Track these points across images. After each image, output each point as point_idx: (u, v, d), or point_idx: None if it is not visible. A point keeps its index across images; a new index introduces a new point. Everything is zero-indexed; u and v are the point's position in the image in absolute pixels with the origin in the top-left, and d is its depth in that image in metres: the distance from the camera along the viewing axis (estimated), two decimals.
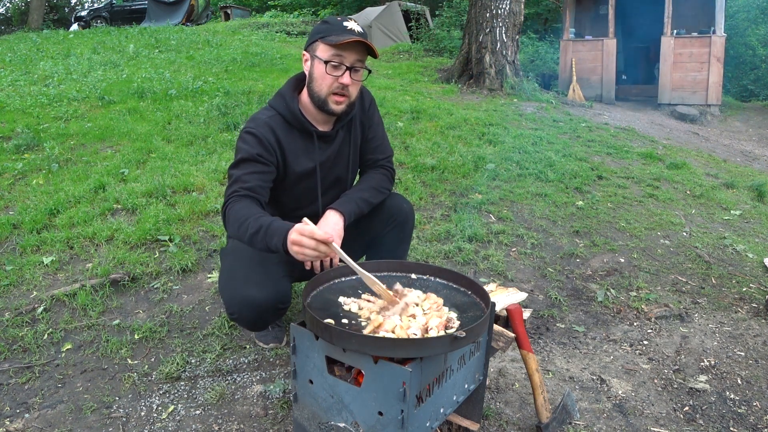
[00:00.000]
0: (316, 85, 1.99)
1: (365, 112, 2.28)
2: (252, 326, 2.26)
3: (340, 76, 1.94)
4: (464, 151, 5.28)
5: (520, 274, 3.35)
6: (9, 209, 3.72)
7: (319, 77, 1.97)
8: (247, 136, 2.02)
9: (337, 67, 1.94)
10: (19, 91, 6.90)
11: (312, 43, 1.99)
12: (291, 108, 2.06)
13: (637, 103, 10.51)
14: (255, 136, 2.01)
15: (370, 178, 2.29)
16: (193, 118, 5.67)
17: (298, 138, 2.10)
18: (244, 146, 2.00)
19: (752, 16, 14.70)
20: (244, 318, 2.09)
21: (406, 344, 1.44)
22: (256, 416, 2.09)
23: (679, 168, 5.78)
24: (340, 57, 1.92)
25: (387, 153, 2.36)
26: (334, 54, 1.92)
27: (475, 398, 1.88)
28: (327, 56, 1.93)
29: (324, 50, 1.93)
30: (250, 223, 1.79)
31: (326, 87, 1.97)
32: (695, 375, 2.53)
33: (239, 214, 1.84)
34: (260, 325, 2.22)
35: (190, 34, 12.60)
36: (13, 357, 2.40)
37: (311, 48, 1.99)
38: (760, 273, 3.66)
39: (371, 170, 2.33)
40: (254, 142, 2.00)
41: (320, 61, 1.94)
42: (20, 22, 22.21)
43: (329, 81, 1.95)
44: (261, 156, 1.99)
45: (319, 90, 1.99)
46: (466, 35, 9.39)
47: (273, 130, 2.04)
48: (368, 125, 2.29)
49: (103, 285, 2.84)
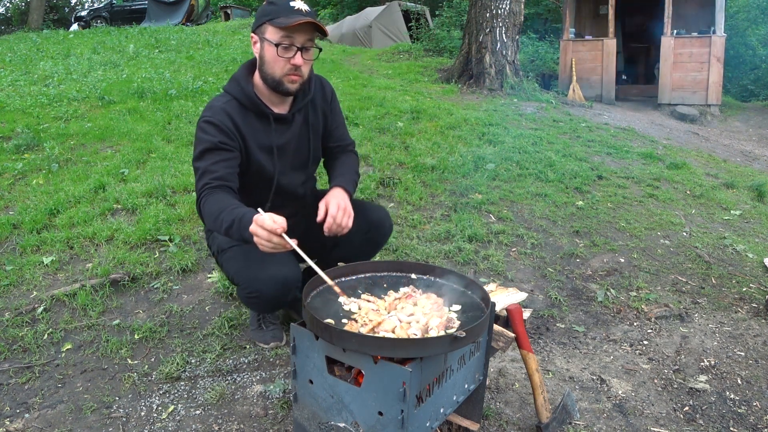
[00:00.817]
0: (268, 68, 1.99)
1: (327, 103, 2.30)
2: (271, 304, 2.20)
3: (292, 57, 1.95)
4: (464, 151, 5.28)
5: (520, 274, 3.35)
6: (9, 209, 3.72)
7: (270, 60, 1.97)
8: (206, 125, 2.00)
9: (288, 49, 1.94)
10: (19, 91, 6.90)
11: (260, 26, 1.98)
12: (246, 91, 2.06)
13: (637, 103, 10.50)
14: (214, 125, 1.99)
15: (350, 161, 2.35)
16: (193, 118, 5.67)
17: (254, 121, 2.09)
18: (204, 136, 1.99)
19: (752, 16, 14.70)
20: (266, 296, 2.05)
21: (406, 344, 1.44)
22: (256, 416, 2.09)
23: (679, 168, 5.78)
24: (290, 38, 1.93)
25: (350, 139, 2.44)
26: (283, 36, 1.92)
27: (475, 398, 1.88)
28: (277, 38, 1.93)
29: (273, 32, 1.93)
30: (223, 218, 1.80)
31: (279, 69, 1.97)
32: (695, 375, 2.53)
33: (212, 209, 1.85)
34: (280, 302, 2.17)
35: (190, 34, 12.60)
36: (13, 357, 2.40)
37: (259, 30, 1.99)
38: (760, 273, 3.66)
39: (343, 155, 2.38)
40: (214, 131, 1.98)
41: (270, 43, 1.95)
42: (20, 22, 22.20)
43: (281, 63, 1.96)
44: (224, 143, 1.98)
45: (272, 72, 1.99)
46: (466, 35, 9.38)
47: (230, 115, 2.03)
48: (330, 115, 2.33)
49: (103, 285, 2.84)
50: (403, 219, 3.87)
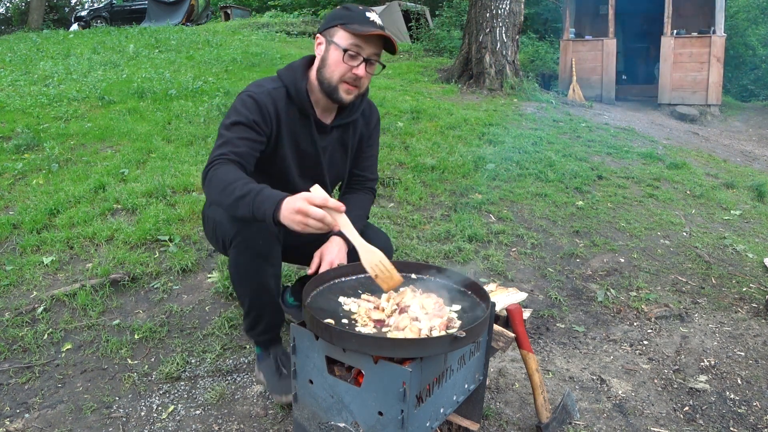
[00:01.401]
0: (327, 71, 1.92)
1: (369, 129, 2.22)
2: (257, 250, 1.91)
3: (356, 66, 1.89)
4: (464, 151, 5.28)
5: (520, 274, 3.35)
6: (9, 209, 3.72)
7: (332, 63, 1.90)
8: (248, 99, 1.92)
9: (355, 57, 1.88)
10: (19, 91, 6.90)
11: (330, 28, 1.91)
12: (298, 85, 1.97)
13: (637, 103, 10.51)
14: (256, 102, 1.91)
15: (363, 203, 2.23)
16: (193, 118, 5.67)
17: (296, 117, 2.01)
18: (242, 109, 1.90)
19: (752, 16, 14.72)
20: (249, 238, 1.87)
21: (406, 344, 1.44)
22: (256, 416, 2.09)
23: (679, 168, 5.79)
24: (359, 48, 1.86)
25: (376, 175, 2.33)
26: (353, 43, 1.86)
27: (475, 398, 1.88)
28: (346, 44, 1.86)
29: (343, 37, 1.87)
30: (237, 186, 1.67)
31: (338, 74, 1.90)
32: (695, 375, 2.53)
33: (226, 177, 1.72)
34: (263, 246, 1.90)
35: (190, 34, 12.59)
36: (13, 357, 2.40)
37: (328, 32, 1.92)
38: (760, 273, 3.66)
39: (361, 192, 2.27)
40: (254, 108, 1.91)
41: (337, 47, 1.88)
42: (20, 22, 22.20)
43: (343, 69, 1.89)
44: (257, 123, 1.90)
45: (330, 76, 1.92)
46: (466, 35, 9.39)
47: (275, 101, 1.95)
48: (369, 141, 2.24)
49: (103, 285, 2.84)
50: (403, 219, 3.87)
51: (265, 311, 2.04)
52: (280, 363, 2.12)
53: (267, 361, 2.13)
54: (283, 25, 17.08)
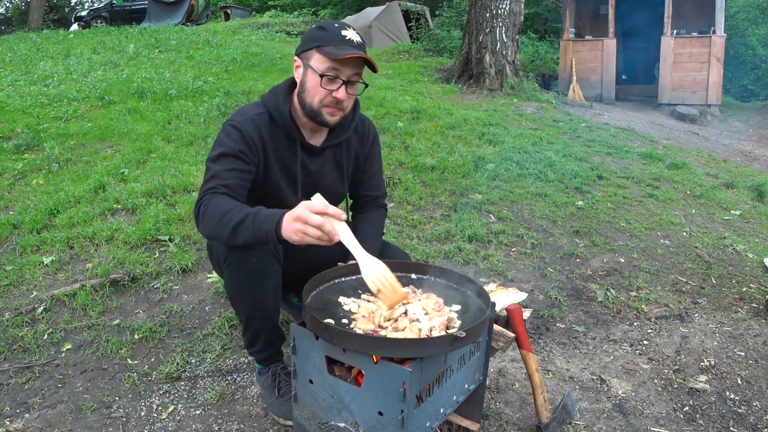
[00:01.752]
0: (308, 96, 1.86)
1: (365, 147, 2.15)
2: (250, 268, 1.87)
3: (335, 90, 1.81)
4: (464, 151, 5.28)
5: (520, 274, 3.35)
6: (9, 209, 3.72)
7: (311, 88, 1.84)
8: (232, 129, 1.87)
9: (333, 81, 1.80)
10: (19, 91, 6.90)
11: (306, 51, 1.84)
12: (281, 109, 1.92)
13: (637, 103, 10.51)
14: (239, 131, 1.86)
15: (377, 221, 2.20)
16: (193, 118, 5.67)
17: (282, 142, 1.95)
18: (226, 140, 1.85)
19: (752, 16, 14.72)
20: (242, 256, 1.84)
21: (406, 344, 1.44)
22: (256, 416, 2.09)
23: (679, 168, 5.79)
24: (336, 71, 1.79)
25: (383, 190, 2.29)
26: (330, 67, 1.78)
27: (475, 398, 1.88)
28: (322, 69, 1.79)
29: (319, 61, 1.79)
30: (233, 214, 1.61)
31: (318, 99, 1.84)
32: (695, 375, 2.53)
33: (220, 207, 1.67)
34: (257, 264, 1.87)
35: (190, 34, 12.59)
36: (13, 357, 2.40)
37: (305, 55, 1.85)
38: (760, 273, 3.66)
39: (372, 210, 2.23)
40: (238, 138, 1.86)
41: (314, 72, 1.80)
42: (20, 22, 22.19)
43: (322, 94, 1.82)
44: (243, 153, 1.84)
45: (310, 101, 1.85)
46: (466, 35, 9.39)
47: (258, 128, 1.90)
48: (365, 162, 2.18)
49: (103, 285, 2.84)
50: (403, 219, 3.87)
51: (263, 329, 1.99)
52: (278, 381, 2.08)
53: (266, 377, 2.11)
54: (283, 25, 17.09)
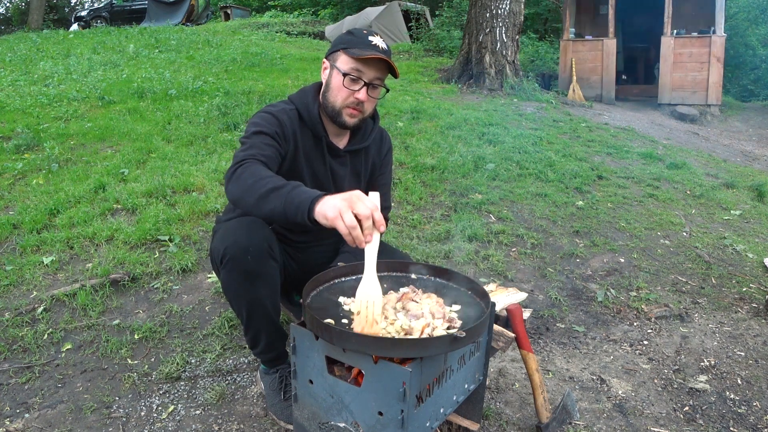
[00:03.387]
0: (330, 95, 1.94)
1: (380, 157, 2.21)
2: (245, 268, 1.82)
3: (357, 91, 1.89)
4: (464, 151, 5.28)
5: (520, 274, 3.35)
6: (9, 209, 3.72)
7: (335, 88, 1.92)
8: (267, 115, 1.93)
9: (355, 81, 1.88)
10: (19, 91, 6.90)
11: (334, 52, 1.94)
12: (310, 108, 1.99)
13: (637, 103, 10.51)
14: (275, 117, 1.92)
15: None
16: (193, 118, 5.67)
17: (309, 139, 2.01)
18: (263, 122, 1.89)
19: (752, 16, 14.73)
20: (237, 257, 1.80)
21: (406, 344, 1.44)
22: (256, 416, 2.09)
23: (679, 168, 5.79)
24: (360, 72, 1.87)
25: (389, 204, 2.31)
26: (354, 68, 1.87)
27: (475, 398, 1.88)
28: (347, 68, 1.88)
29: (345, 62, 1.88)
30: (270, 181, 1.59)
31: (341, 99, 1.91)
32: (695, 375, 2.53)
33: (259, 173, 1.65)
34: (252, 264, 1.83)
35: (190, 34, 12.59)
36: (13, 357, 2.40)
37: (332, 57, 1.94)
38: (760, 273, 3.66)
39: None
40: (274, 122, 1.91)
41: (339, 72, 1.89)
42: (20, 22, 22.20)
43: (345, 94, 1.90)
44: (279, 135, 1.89)
45: (333, 100, 1.93)
46: (466, 35, 9.39)
47: (291, 120, 1.96)
48: (381, 170, 2.24)
49: (103, 285, 2.84)
50: (403, 219, 3.87)
51: (263, 330, 1.97)
52: (285, 384, 2.06)
53: (272, 378, 2.09)
54: (283, 25, 17.09)
